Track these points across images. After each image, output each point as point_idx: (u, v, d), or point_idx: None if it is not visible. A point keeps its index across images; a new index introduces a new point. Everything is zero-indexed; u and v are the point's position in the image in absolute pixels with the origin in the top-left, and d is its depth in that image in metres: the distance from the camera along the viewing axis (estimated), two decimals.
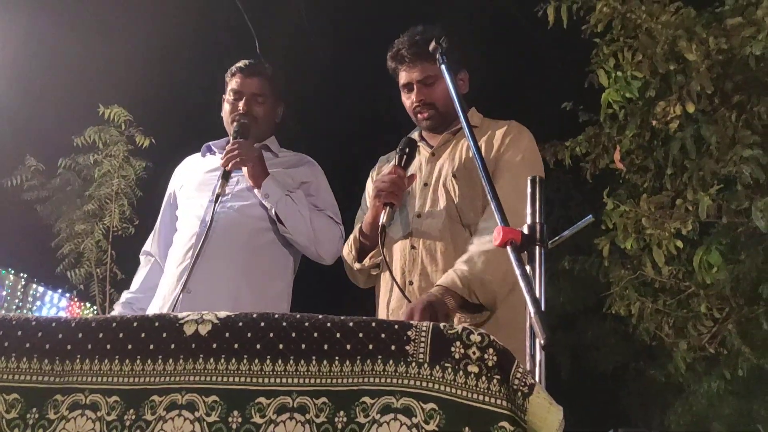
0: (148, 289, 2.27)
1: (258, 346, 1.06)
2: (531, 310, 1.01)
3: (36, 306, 8.49)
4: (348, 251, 2.05)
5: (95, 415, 1.06)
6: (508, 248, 1.12)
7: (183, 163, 2.46)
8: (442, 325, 1.03)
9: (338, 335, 1.04)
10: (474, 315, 1.74)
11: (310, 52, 7.45)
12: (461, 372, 0.98)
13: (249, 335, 1.07)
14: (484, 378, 0.97)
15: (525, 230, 1.16)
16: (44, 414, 1.08)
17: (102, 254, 5.78)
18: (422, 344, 1.01)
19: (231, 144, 2.17)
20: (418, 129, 2.13)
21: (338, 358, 1.03)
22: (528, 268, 1.12)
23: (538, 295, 1.09)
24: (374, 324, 1.05)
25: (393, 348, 1.02)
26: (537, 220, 1.17)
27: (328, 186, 2.38)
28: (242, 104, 2.27)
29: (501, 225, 1.18)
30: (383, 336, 1.03)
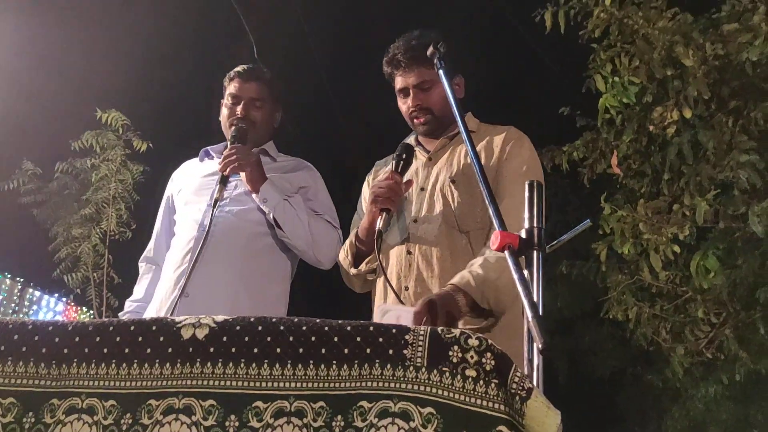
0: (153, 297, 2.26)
1: (255, 350, 1.06)
2: (529, 315, 1.01)
3: (32, 310, 8.48)
4: (344, 256, 2.04)
5: (92, 420, 1.06)
6: (506, 252, 1.12)
7: (181, 168, 2.46)
8: (440, 329, 1.03)
9: (336, 339, 1.04)
10: (479, 320, 1.72)
11: (308, 57, 7.46)
12: (459, 376, 0.98)
13: (246, 339, 1.07)
14: (482, 382, 0.97)
15: (523, 234, 1.16)
16: (40, 418, 1.08)
17: (99, 258, 5.77)
18: (420, 348, 1.01)
19: (229, 149, 2.17)
20: (414, 134, 2.12)
21: (336, 362, 1.03)
22: (526, 273, 1.13)
23: (536, 300, 1.09)
24: (372, 328, 1.05)
25: (391, 352, 1.02)
26: (535, 225, 1.18)
27: (326, 190, 2.38)
28: (240, 108, 2.27)
29: (499, 229, 1.18)
30: (381, 340, 1.03)
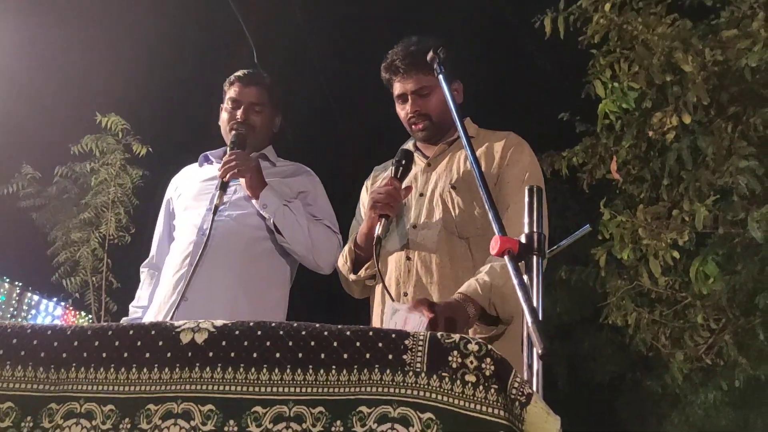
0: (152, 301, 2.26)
1: (255, 355, 1.05)
2: (529, 320, 1.01)
3: (31, 314, 8.46)
4: (343, 262, 2.04)
5: (90, 424, 1.05)
6: (506, 257, 1.12)
7: (180, 173, 2.46)
8: (440, 334, 1.03)
9: (335, 344, 1.04)
10: (489, 327, 1.72)
11: (308, 62, 7.47)
12: (458, 381, 0.97)
13: (246, 344, 1.06)
14: (482, 387, 0.97)
15: (523, 239, 1.16)
16: (39, 423, 1.07)
17: (98, 263, 5.76)
18: (419, 353, 1.01)
19: (228, 155, 2.17)
20: (413, 139, 2.11)
21: (335, 367, 1.02)
22: (525, 278, 1.12)
23: (536, 305, 1.09)
24: (371, 333, 1.05)
25: (390, 357, 1.01)
26: (535, 230, 1.17)
27: (326, 195, 2.38)
28: (240, 113, 2.27)
29: (498, 235, 1.18)
30: (380, 345, 1.03)
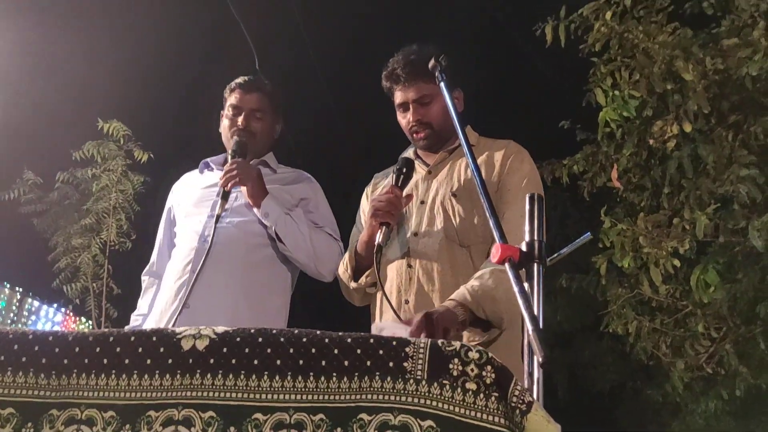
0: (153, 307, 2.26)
1: (255, 362, 1.05)
2: (529, 328, 1.01)
3: (31, 320, 8.46)
4: (343, 270, 2.03)
5: (91, 431, 1.06)
6: (507, 265, 1.12)
7: (181, 180, 2.46)
8: (440, 342, 1.03)
9: (336, 351, 1.04)
10: (484, 333, 1.72)
11: (309, 68, 7.49)
12: (459, 389, 0.98)
13: (247, 351, 1.06)
14: (482, 395, 0.97)
15: (523, 247, 1.16)
16: (39, 429, 1.08)
17: (98, 269, 5.77)
18: (420, 361, 1.01)
19: (230, 164, 2.17)
20: (413, 146, 2.11)
21: (336, 375, 1.03)
22: (526, 285, 1.12)
23: (536, 313, 1.09)
24: (372, 340, 1.05)
25: (391, 364, 1.01)
26: (536, 238, 1.18)
27: (327, 202, 2.38)
28: (241, 119, 2.28)
29: (499, 242, 1.18)
30: (381, 352, 1.03)
